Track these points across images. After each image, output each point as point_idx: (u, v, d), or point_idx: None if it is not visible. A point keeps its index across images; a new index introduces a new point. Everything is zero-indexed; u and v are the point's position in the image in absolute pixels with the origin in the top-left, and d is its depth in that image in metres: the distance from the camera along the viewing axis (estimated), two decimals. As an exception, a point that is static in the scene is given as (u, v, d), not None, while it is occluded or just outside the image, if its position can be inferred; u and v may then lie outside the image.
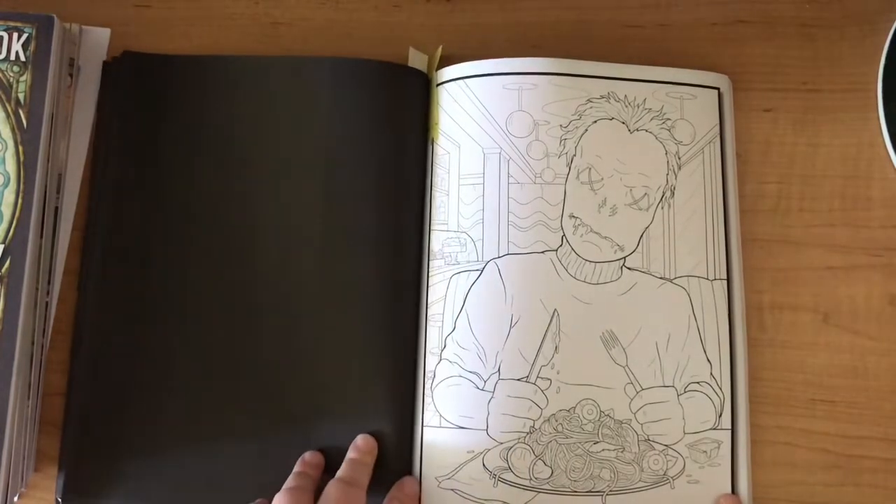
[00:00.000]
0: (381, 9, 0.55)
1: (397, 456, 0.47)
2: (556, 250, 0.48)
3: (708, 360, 0.48)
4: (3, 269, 0.46)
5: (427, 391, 0.47)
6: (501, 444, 0.46)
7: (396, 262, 0.49)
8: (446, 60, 0.52)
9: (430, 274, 0.49)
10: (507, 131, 0.49)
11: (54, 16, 0.50)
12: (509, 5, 0.54)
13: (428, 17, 0.54)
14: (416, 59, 0.52)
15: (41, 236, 0.48)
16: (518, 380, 0.47)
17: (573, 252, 0.48)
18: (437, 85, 0.51)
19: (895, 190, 0.52)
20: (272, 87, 0.51)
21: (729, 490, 0.47)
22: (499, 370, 0.47)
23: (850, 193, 0.52)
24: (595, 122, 0.49)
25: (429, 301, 0.49)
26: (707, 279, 0.49)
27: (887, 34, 0.52)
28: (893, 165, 0.51)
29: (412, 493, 0.46)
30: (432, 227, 0.49)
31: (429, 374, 0.48)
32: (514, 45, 0.54)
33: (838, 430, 0.49)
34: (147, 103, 0.51)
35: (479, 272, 0.48)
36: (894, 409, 0.49)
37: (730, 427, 0.47)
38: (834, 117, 0.53)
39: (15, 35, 0.49)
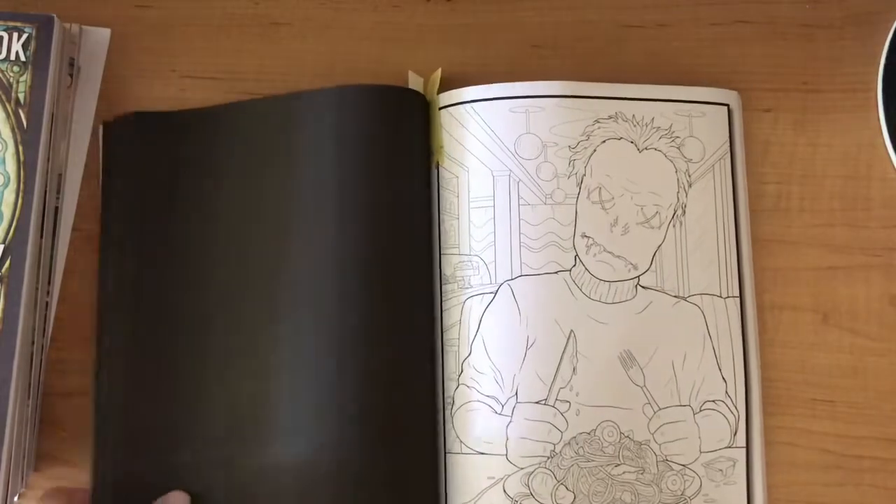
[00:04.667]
0: (381, 9, 0.55)
1: (423, 484, 0.46)
2: (570, 270, 0.48)
3: (723, 379, 0.48)
4: (3, 269, 0.46)
5: (447, 417, 0.47)
6: (522, 469, 0.46)
7: (410, 287, 0.48)
8: (447, 74, 0.51)
9: (443, 299, 0.48)
10: (515, 154, 0.48)
11: (54, 16, 0.49)
12: (509, 5, 0.54)
13: (428, 17, 0.54)
14: (416, 83, 0.52)
15: (41, 236, 0.48)
16: (536, 403, 0.46)
17: (587, 272, 0.48)
18: (441, 108, 0.50)
19: (895, 190, 0.52)
20: (268, 128, 0.50)
21: None
22: (516, 393, 0.46)
23: (850, 193, 0.52)
24: (603, 142, 0.49)
25: (444, 326, 0.48)
26: (720, 297, 0.48)
27: (887, 34, 0.52)
28: (893, 165, 0.51)
29: None
30: (443, 252, 0.49)
31: (448, 400, 0.47)
32: (513, 45, 0.53)
33: (838, 430, 0.49)
34: (150, 163, 0.51)
35: (492, 295, 0.47)
36: (894, 409, 0.49)
37: (745, 445, 0.47)
38: (834, 117, 0.52)
39: (15, 35, 0.49)
